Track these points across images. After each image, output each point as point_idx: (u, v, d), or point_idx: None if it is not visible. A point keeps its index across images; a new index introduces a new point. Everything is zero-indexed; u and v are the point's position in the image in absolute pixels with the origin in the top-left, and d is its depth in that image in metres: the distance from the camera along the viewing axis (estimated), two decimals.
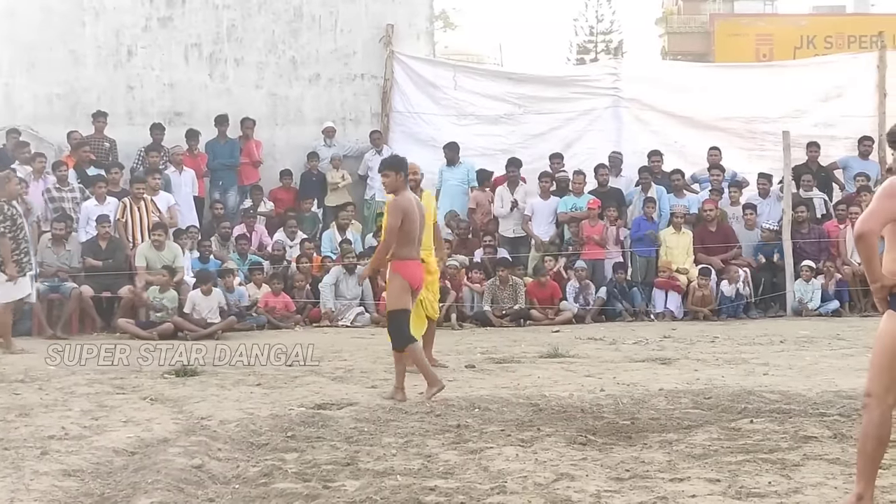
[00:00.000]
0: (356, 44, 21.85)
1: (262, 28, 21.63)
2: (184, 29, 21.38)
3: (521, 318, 17.76)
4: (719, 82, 22.11)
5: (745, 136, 21.34)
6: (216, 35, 21.50)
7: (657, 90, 21.67)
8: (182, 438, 7.97)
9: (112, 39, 21.20)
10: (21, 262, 14.59)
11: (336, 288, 18.19)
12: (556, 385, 10.63)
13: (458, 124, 21.57)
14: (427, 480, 6.73)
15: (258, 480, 6.81)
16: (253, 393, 10.36)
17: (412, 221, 10.41)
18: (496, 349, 14.03)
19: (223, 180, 20.68)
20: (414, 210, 10.46)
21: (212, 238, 19.25)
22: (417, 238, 10.61)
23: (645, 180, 19.61)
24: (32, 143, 19.48)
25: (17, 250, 14.60)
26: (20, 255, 14.60)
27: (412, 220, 10.41)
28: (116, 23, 21.18)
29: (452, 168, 20.53)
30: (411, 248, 10.51)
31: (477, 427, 8.42)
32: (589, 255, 18.77)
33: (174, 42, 21.37)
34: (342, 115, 21.87)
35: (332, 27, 21.82)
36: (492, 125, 21.61)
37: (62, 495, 6.48)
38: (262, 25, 21.62)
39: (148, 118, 20.75)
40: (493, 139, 21.46)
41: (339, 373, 11.81)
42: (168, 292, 16.56)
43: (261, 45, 21.61)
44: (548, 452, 7.49)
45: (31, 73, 20.85)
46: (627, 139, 21.16)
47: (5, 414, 9.13)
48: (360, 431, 8.33)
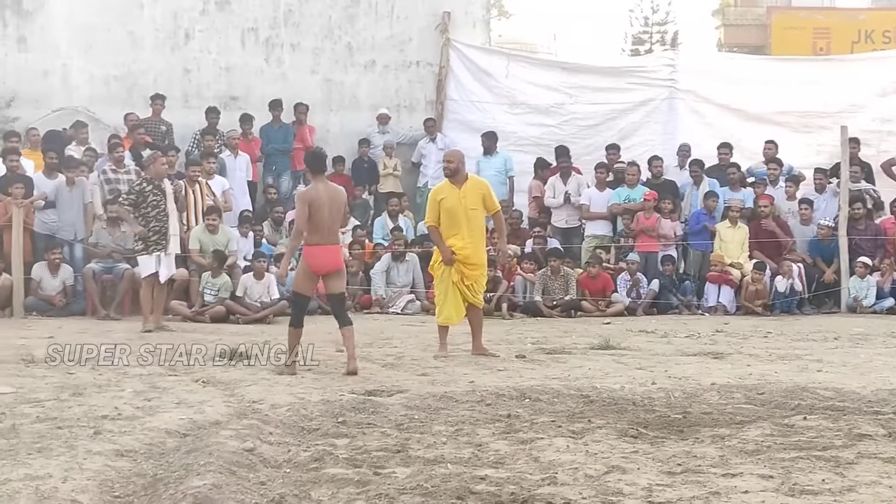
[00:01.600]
0: (412, 31, 21.90)
1: (319, 13, 21.72)
2: (241, 13, 21.52)
3: (571, 309, 17.73)
4: (776, 75, 21.93)
5: (800, 130, 21.18)
6: (273, 19, 21.61)
7: (714, 82, 21.56)
8: (234, 421, 8.00)
9: (170, 22, 21.37)
10: (148, 240, 14.67)
11: (387, 275, 18.24)
12: (607, 377, 10.58)
13: (510, 112, 21.57)
14: (477, 469, 6.72)
15: (309, 465, 6.82)
16: (303, 378, 10.39)
17: (318, 210, 11.12)
18: (547, 340, 13.99)
19: (276, 165, 20.77)
20: (321, 200, 11.17)
21: (264, 223, 19.34)
22: (327, 226, 11.26)
23: (695, 173, 19.48)
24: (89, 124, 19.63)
25: (147, 229, 14.70)
26: (148, 233, 14.69)
27: (318, 210, 11.12)
28: (174, 5, 21.38)
29: (489, 158, 20.52)
30: (318, 236, 11.21)
31: (527, 417, 8.39)
32: (642, 248, 18.69)
33: (231, 26, 21.50)
34: (396, 102, 21.92)
35: (388, 13, 21.88)
36: (543, 115, 21.56)
37: (115, 475, 6.52)
38: (318, 11, 21.71)
39: (204, 101, 20.89)
40: (546, 129, 21.45)
41: (390, 360, 11.82)
42: (220, 277, 16.64)
43: (317, 31, 21.70)
44: (599, 444, 7.45)
45: (88, 54, 21.02)
46: (683, 131, 21.05)
47: (59, 393, 9.21)
48: (410, 419, 8.33)
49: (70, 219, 17.57)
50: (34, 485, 6.14)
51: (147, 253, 14.75)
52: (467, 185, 12.40)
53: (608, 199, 19.30)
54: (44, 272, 16.98)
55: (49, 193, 17.55)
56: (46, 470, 6.46)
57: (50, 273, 16.86)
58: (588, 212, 19.34)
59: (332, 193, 11.40)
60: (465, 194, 12.39)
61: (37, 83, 20.76)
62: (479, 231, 12.57)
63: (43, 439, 7.28)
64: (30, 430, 7.58)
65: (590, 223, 19.42)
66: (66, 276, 16.90)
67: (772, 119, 21.11)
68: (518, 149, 20.92)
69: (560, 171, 19.85)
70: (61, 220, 17.53)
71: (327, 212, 11.26)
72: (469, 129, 21.67)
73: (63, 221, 17.50)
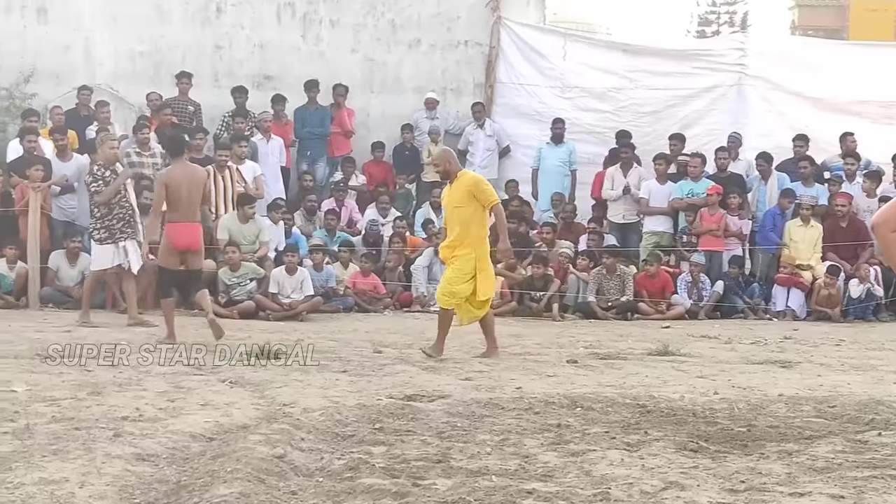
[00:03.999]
0: (460, 8, 21.89)
1: None
2: None
3: (628, 311, 17.71)
4: (855, 62, 21.74)
5: (880, 121, 21.04)
6: None
7: (787, 68, 21.42)
8: (263, 425, 8.02)
9: None
10: (112, 228, 14.80)
11: (429, 271, 18.21)
12: (666, 385, 10.55)
13: (562, 97, 21.53)
14: (524, 483, 6.71)
15: (343, 474, 6.83)
16: (338, 380, 10.40)
17: (175, 190, 13.20)
18: (600, 343, 13.98)
19: (312, 150, 20.81)
20: (178, 180, 13.25)
21: (296, 212, 19.35)
22: (185, 205, 13.26)
23: (762, 167, 19.38)
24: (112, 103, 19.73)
25: (110, 216, 14.82)
26: (111, 220, 14.81)
27: (175, 190, 13.20)
28: None
29: (555, 147, 20.51)
30: (177, 214, 13.25)
31: (579, 427, 8.37)
32: (706, 246, 18.59)
33: (266, 0, 21.48)
34: (443, 84, 21.92)
35: None
36: (598, 100, 21.51)
37: (135, 480, 6.54)
38: None
39: (235, 80, 20.91)
40: (601, 115, 21.41)
41: (431, 362, 11.83)
42: (240, 270, 16.68)
43: (358, 7, 21.71)
44: (656, 458, 7.43)
45: (112, 27, 21.08)
46: (752, 120, 20.94)
47: (76, 391, 9.25)
48: (452, 426, 8.32)
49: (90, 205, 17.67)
50: (49, 489, 6.18)
51: (111, 242, 14.84)
52: (455, 184, 12.52)
53: (669, 193, 19.22)
54: (61, 261, 17.12)
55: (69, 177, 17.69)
56: (62, 474, 6.49)
57: (68, 262, 17.00)
58: (647, 206, 19.28)
59: (190, 174, 13.50)
60: (452, 192, 12.57)
61: (57, 58, 20.86)
62: (466, 230, 12.44)
63: (59, 441, 7.31)
64: (45, 431, 7.61)
65: (649, 218, 19.37)
66: (85, 266, 17.00)
67: (850, 109, 20.98)
68: (570, 136, 20.85)
69: (621, 161, 19.77)
70: (81, 207, 17.60)
71: (185, 192, 13.25)
72: (519, 115, 21.69)
73: (83, 207, 17.51)
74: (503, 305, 17.62)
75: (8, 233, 17.35)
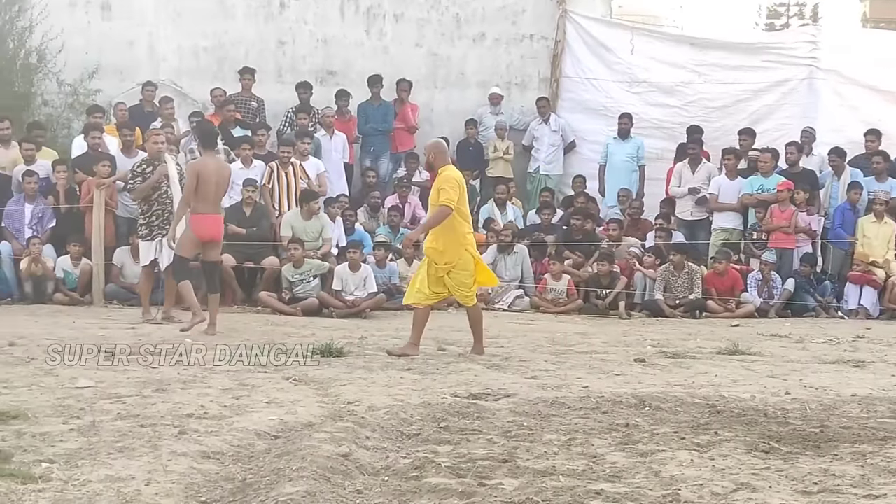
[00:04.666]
0: (526, 1, 21.92)
1: None
2: None
3: (696, 310, 17.62)
4: None
5: None
6: None
7: (859, 61, 21.15)
8: (328, 424, 8.07)
9: None
10: (152, 224, 14.90)
11: (493, 268, 18.16)
12: (736, 385, 10.50)
13: (629, 91, 21.46)
14: (592, 483, 6.71)
15: (409, 473, 6.86)
16: (403, 378, 10.43)
17: (205, 182, 13.55)
18: (668, 342, 13.92)
19: (375, 146, 20.88)
20: (209, 172, 13.62)
21: (359, 209, 19.40)
22: (213, 197, 13.74)
23: (835, 163, 19.20)
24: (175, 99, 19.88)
25: (149, 212, 14.92)
26: (151, 217, 14.91)
27: (205, 181, 13.55)
28: None
29: (622, 142, 20.47)
30: (205, 205, 13.63)
31: (647, 427, 8.36)
32: (777, 244, 18.46)
33: None
34: (507, 78, 21.92)
35: None
36: (666, 95, 21.42)
37: (201, 478, 6.60)
38: None
39: (298, 76, 21.03)
40: (669, 111, 21.32)
41: (496, 360, 11.83)
42: (303, 267, 16.73)
43: (422, 1, 21.79)
44: (726, 459, 7.40)
45: (176, 23, 21.25)
46: (824, 115, 20.72)
47: (141, 389, 9.35)
48: (518, 426, 8.33)
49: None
50: (116, 487, 6.26)
51: (150, 238, 14.93)
52: (436, 179, 12.43)
53: (739, 189, 19.07)
54: (126, 258, 17.26)
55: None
56: (128, 471, 6.58)
57: (132, 259, 17.10)
58: (716, 202, 19.15)
59: (219, 168, 13.96)
60: (433, 189, 12.50)
61: (121, 53, 21.06)
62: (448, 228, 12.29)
63: (125, 438, 7.40)
64: (111, 428, 7.70)
65: (718, 215, 19.21)
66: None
67: None
68: (637, 131, 20.76)
69: (689, 156, 19.66)
70: None
71: (214, 184, 13.68)
72: (584, 110, 21.66)
73: None
74: (570, 303, 17.61)
75: (73, 229, 17.51)
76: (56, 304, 16.91)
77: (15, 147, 18.26)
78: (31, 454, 6.92)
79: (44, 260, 17.11)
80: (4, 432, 7.46)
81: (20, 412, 8.07)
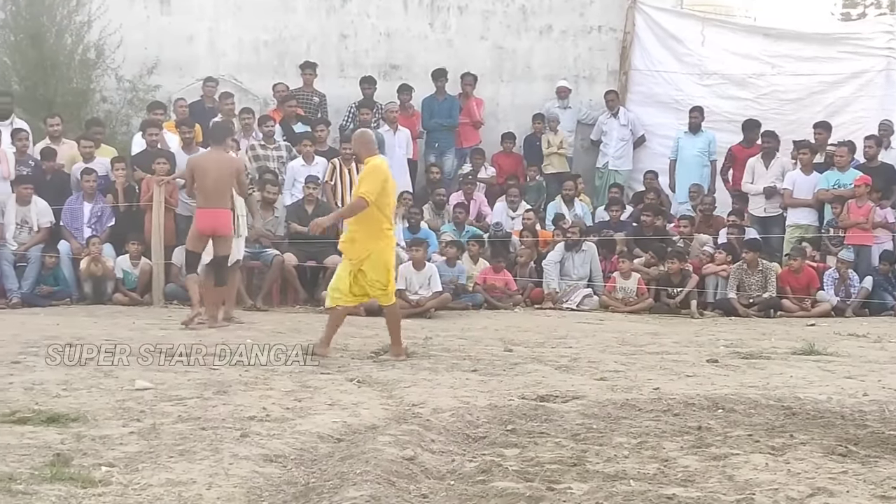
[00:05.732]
0: None
1: None
2: None
3: (770, 308, 17.49)
4: None
5: None
6: None
7: None
8: (392, 426, 8.07)
9: None
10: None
11: (561, 266, 18.16)
12: (812, 386, 10.42)
13: (700, 84, 21.36)
14: (664, 488, 6.67)
15: (476, 477, 6.84)
16: (468, 379, 10.42)
17: (200, 178, 14.24)
18: (742, 342, 13.83)
19: (440, 142, 20.87)
20: (204, 168, 14.26)
21: (424, 206, 19.41)
22: (212, 191, 14.18)
23: None
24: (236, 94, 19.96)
25: None
26: None
27: (201, 177, 14.23)
28: None
29: (693, 136, 20.37)
30: (204, 199, 14.27)
31: (720, 430, 8.30)
32: (854, 240, 18.29)
33: None
34: (575, 72, 21.89)
35: None
36: (738, 87, 21.29)
37: (263, 482, 6.61)
38: None
39: (361, 70, 21.06)
40: (741, 103, 21.17)
41: (564, 361, 11.79)
42: None
43: None
44: (802, 463, 7.34)
45: (236, 17, 21.34)
46: None
47: (203, 390, 9.40)
48: (587, 428, 8.30)
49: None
50: (177, 491, 6.28)
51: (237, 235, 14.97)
52: (362, 170, 12.23)
53: (814, 184, 18.90)
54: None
55: None
56: (189, 475, 6.59)
57: None
58: (791, 198, 19.00)
59: (218, 161, 14.30)
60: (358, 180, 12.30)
61: (180, 48, 21.18)
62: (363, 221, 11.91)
63: (185, 441, 7.43)
64: (171, 431, 7.74)
65: (792, 211, 19.07)
66: None
67: None
68: (709, 125, 20.66)
69: (762, 151, 19.51)
70: None
71: (211, 179, 14.17)
72: (654, 103, 21.60)
73: None
74: (640, 302, 17.55)
75: (132, 228, 17.62)
76: (115, 304, 17.04)
77: (72, 144, 18.39)
78: (90, 457, 6.96)
79: (103, 259, 17.23)
80: (64, 435, 7.51)
81: (80, 414, 8.14)
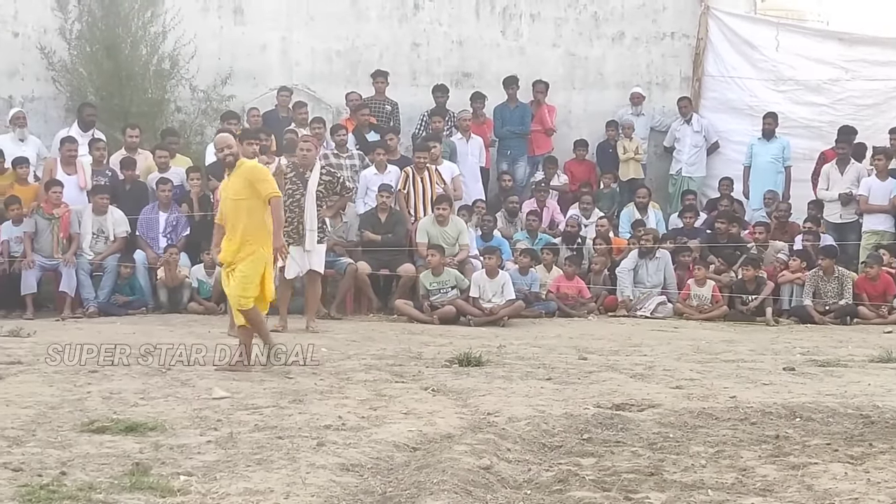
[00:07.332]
0: None
1: None
2: None
3: (846, 316, 17.33)
4: None
5: None
6: None
7: None
8: (468, 435, 8.09)
9: None
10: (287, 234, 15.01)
11: (635, 273, 18.11)
12: (890, 394, 10.31)
13: (775, 90, 21.22)
14: (742, 497, 6.66)
15: (552, 486, 6.86)
16: (543, 388, 10.41)
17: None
18: (818, 350, 13.73)
19: (512, 149, 20.86)
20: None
21: (497, 213, 19.41)
22: None
23: None
24: (309, 103, 20.05)
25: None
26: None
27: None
28: None
29: (766, 143, 20.26)
30: None
31: (798, 439, 8.26)
32: None
33: None
34: (647, 78, 21.83)
35: None
36: (813, 93, 21.13)
37: (340, 491, 6.64)
38: None
39: (433, 78, 21.09)
40: (817, 109, 21.00)
41: (639, 369, 11.75)
42: (442, 273, 16.73)
43: (559, 0, 21.65)
44: (882, 472, 7.29)
45: (309, 26, 21.38)
46: None
47: (278, 399, 9.45)
48: (664, 437, 8.29)
49: None
50: (254, 500, 6.33)
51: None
52: (236, 172, 11.82)
53: (891, 191, 18.72)
54: None
55: None
56: (267, 484, 6.64)
57: None
58: (867, 204, 18.83)
59: None
60: (231, 182, 11.91)
61: (254, 58, 21.23)
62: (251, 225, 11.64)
63: (262, 450, 7.49)
64: (248, 440, 7.81)
65: (868, 217, 18.90)
66: None
67: None
68: (783, 131, 20.53)
69: (838, 157, 19.35)
70: None
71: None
72: (728, 109, 21.50)
73: None
74: (714, 310, 17.46)
75: (207, 238, 17.69)
76: (191, 313, 17.16)
77: (147, 154, 18.56)
78: (169, 466, 7.03)
79: (179, 269, 17.37)
80: (142, 444, 7.60)
81: (157, 423, 8.22)
